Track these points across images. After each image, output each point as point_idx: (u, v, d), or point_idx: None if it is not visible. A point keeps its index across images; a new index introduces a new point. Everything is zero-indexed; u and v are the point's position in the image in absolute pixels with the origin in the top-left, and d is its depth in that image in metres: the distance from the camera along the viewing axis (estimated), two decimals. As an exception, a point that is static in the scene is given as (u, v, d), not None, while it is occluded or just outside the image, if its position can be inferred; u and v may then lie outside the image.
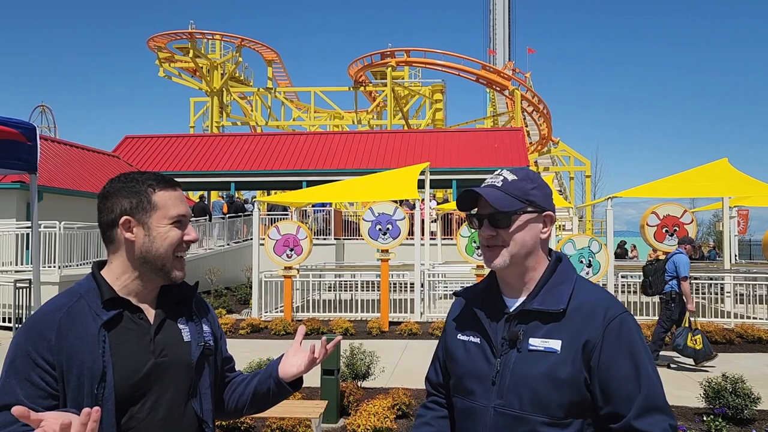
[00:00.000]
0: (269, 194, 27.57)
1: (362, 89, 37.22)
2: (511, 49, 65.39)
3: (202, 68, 35.38)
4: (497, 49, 63.70)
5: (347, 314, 12.85)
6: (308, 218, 21.66)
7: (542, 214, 1.57)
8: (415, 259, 12.71)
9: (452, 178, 23.60)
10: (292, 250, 12.23)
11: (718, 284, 13.29)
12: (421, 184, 15.23)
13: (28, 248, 13.43)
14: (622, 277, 12.53)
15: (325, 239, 21.10)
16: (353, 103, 38.39)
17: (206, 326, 1.67)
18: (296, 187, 23.19)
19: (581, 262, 10.27)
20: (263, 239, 12.52)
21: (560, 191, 32.37)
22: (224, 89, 36.68)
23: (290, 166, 24.65)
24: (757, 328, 10.31)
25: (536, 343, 1.48)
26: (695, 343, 7.89)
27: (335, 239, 21.31)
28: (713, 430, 5.41)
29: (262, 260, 12.99)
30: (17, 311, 11.23)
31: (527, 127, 36.24)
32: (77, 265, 13.09)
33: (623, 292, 12.40)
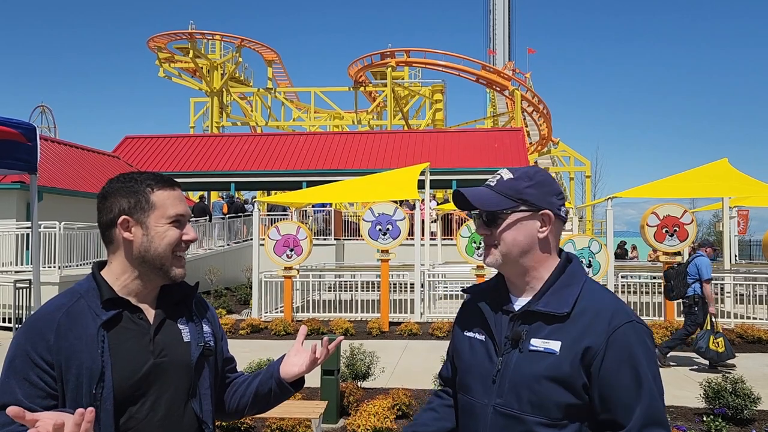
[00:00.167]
0: (269, 194, 27.56)
1: (362, 89, 37.22)
2: (511, 49, 65.50)
3: (202, 68, 35.39)
4: (497, 49, 63.75)
5: (347, 314, 12.85)
6: (308, 218, 21.67)
7: (538, 212, 1.54)
8: (415, 259, 12.71)
9: (452, 178, 23.59)
10: (292, 250, 12.23)
11: (718, 284, 13.27)
12: (421, 184, 15.23)
13: (28, 248, 13.43)
14: (622, 277, 12.53)
15: (325, 239, 21.10)
16: (353, 103, 38.45)
17: (206, 326, 1.67)
18: (296, 187, 23.19)
19: (581, 262, 10.27)
20: (263, 239, 12.52)
21: (560, 191, 32.29)
22: (224, 89, 36.68)
23: (290, 166, 24.65)
24: (757, 328, 10.31)
25: (537, 343, 1.48)
26: (717, 345, 7.87)
27: (335, 239, 21.31)
28: (713, 430, 5.41)
29: (262, 260, 12.99)
30: (17, 311, 11.23)
31: (527, 127, 36.24)
32: (77, 265, 13.09)
33: (623, 292, 12.40)
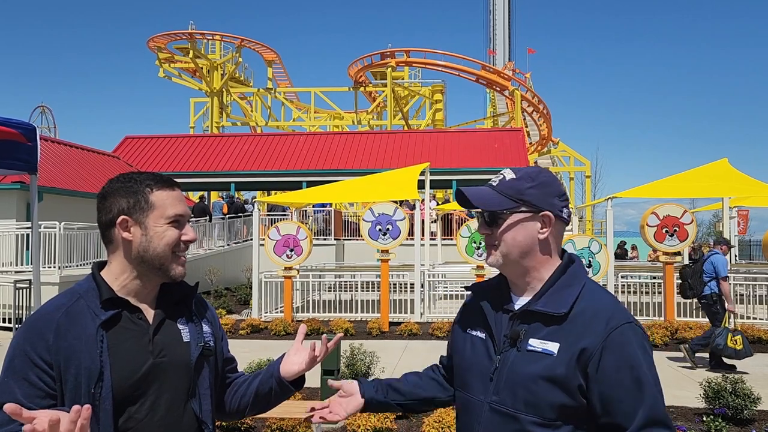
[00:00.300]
0: (269, 195, 27.57)
1: (362, 89, 37.23)
2: (511, 49, 65.44)
3: (202, 69, 35.39)
4: (497, 49, 63.71)
5: (347, 315, 12.85)
6: (308, 219, 21.67)
7: (539, 213, 1.55)
8: (415, 259, 12.71)
9: (452, 178, 23.60)
10: (292, 250, 12.23)
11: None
12: (421, 184, 15.23)
13: (28, 248, 13.43)
14: (622, 277, 12.53)
15: (325, 240, 21.10)
16: (353, 103, 38.45)
17: (206, 326, 1.67)
18: (296, 187, 23.19)
19: (582, 263, 10.28)
20: (263, 240, 12.52)
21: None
22: (224, 90, 36.68)
23: (290, 166, 24.65)
24: (757, 328, 10.31)
25: (535, 343, 1.48)
26: (735, 343, 7.86)
27: (335, 240, 21.31)
28: (713, 430, 5.40)
29: (262, 261, 12.99)
30: (17, 312, 11.24)
31: (527, 127, 36.24)
32: (77, 265, 13.09)
33: (623, 292, 12.40)
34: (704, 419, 5.64)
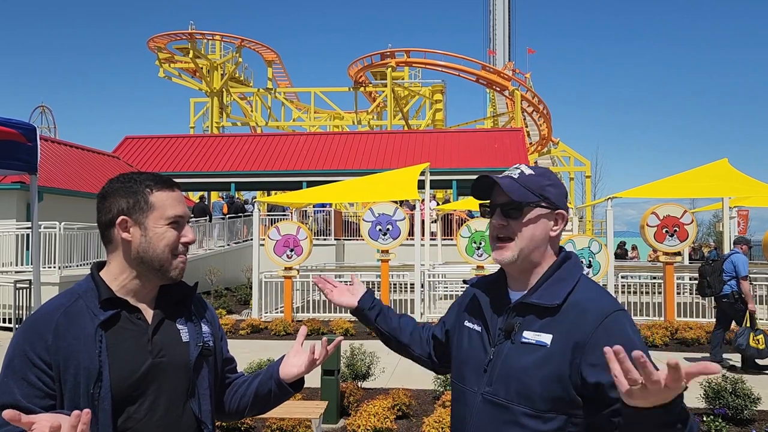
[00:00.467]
0: (269, 195, 27.57)
1: (362, 90, 37.22)
2: (511, 49, 65.45)
3: (202, 69, 35.39)
4: (497, 49, 63.71)
5: (347, 315, 12.83)
6: (308, 219, 21.67)
7: (555, 211, 1.58)
8: (415, 259, 12.70)
9: (452, 178, 23.60)
10: (292, 250, 12.23)
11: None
12: (421, 184, 15.22)
13: (28, 249, 13.43)
14: (622, 277, 12.52)
15: (325, 240, 21.10)
16: (353, 103, 38.43)
17: (206, 326, 1.67)
18: (296, 187, 23.19)
19: (581, 262, 10.27)
20: (263, 240, 12.52)
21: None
22: (224, 90, 36.68)
23: (290, 166, 24.65)
24: (757, 328, 10.28)
25: (529, 335, 1.50)
26: (758, 342, 7.82)
27: (335, 240, 21.31)
28: (713, 430, 5.40)
29: (262, 261, 12.98)
30: (17, 312, 11.24)
31: (527, 127, 36.23)
32: (77, 265, 13.09)
33: (623, 292, 12.39)
34: (704, 419, 5.63)
